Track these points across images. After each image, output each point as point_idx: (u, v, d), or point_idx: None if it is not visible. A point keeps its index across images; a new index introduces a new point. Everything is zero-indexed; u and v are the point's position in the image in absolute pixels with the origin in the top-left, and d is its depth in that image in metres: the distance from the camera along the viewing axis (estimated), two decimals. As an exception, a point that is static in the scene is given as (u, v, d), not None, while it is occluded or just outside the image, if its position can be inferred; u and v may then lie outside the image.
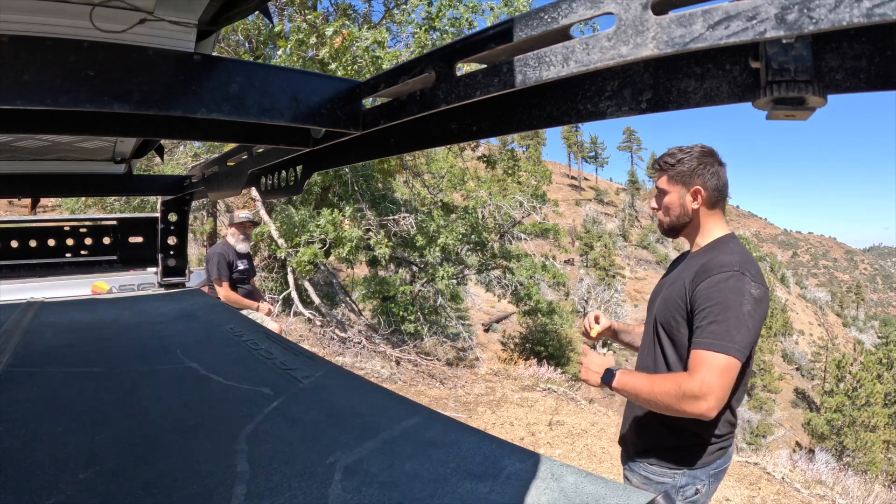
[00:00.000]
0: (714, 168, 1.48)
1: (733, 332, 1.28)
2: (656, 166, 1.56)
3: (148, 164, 8.97)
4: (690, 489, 1.44)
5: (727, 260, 1.36)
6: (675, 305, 1.44)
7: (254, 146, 1.83)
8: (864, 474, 11.20)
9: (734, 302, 1.30)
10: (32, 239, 3.17)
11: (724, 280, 1.33)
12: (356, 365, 6.44)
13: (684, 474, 1.44)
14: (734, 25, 0.53)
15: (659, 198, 1.57)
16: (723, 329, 1.29)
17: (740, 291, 1.31)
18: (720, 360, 1.28)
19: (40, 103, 0.86)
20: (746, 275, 1.33)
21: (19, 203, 13.22)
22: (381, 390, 1.31)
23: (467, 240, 9.16)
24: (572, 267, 38.02)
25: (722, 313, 1.30)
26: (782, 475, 4.60)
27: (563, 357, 17.73)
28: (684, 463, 1.44)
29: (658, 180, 1.57)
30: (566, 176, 70.65)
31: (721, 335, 1.29)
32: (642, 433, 1.52)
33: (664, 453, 1.46)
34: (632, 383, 1.41)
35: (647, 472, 1.49)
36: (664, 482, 1.45)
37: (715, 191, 1.48)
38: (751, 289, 1.31)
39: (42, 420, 1.08)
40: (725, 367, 1.28)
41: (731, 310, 1.30)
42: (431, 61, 0.92)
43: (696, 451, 1.44)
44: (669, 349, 1.46)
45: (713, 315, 1.31)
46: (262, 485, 0.83)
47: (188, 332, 1.91)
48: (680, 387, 1.30)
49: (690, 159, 1.48)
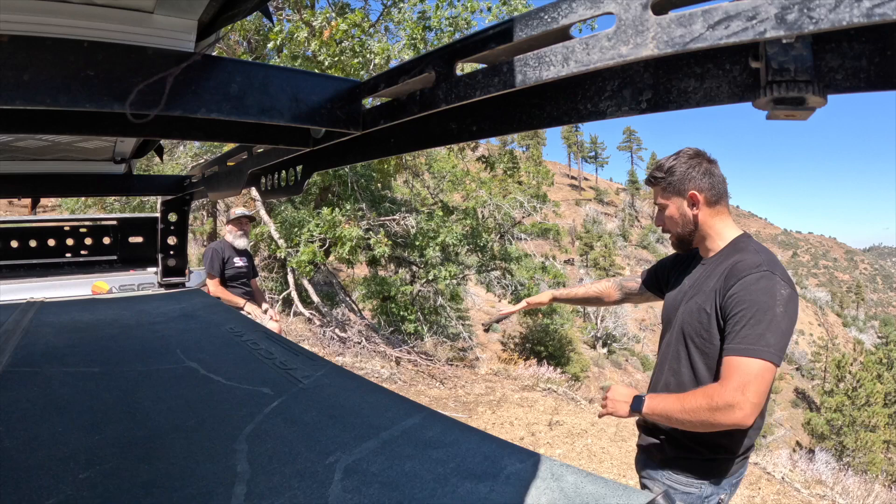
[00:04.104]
0: (703, 167, 1.43)
1: (767, 335, 1.23)
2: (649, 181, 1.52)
3: (148, 164, 8.97)
4: (714, 499, 1.43)
5: (755, 260, 1.31)
6: (704, 315, 1.38)
7: (254, 146, 1.83)
8: (864, 474, 11.20)
9: (766, 304, 1.25)
10: (32, 239, 3.17)
11: (755, 281, 1.28)
12: (356, 365, 6.44)
13: (709, 485, 1.42)
14: (734, 25, 0.53)
15: (660, 214, 1.53)
16: (756, 333, 1.24)
17: (771, 292, 1.26)
18: (755, 366, 1.22)
19: (40, 103, 0.86)
20: (776, 274, 1.28)
21: (19, 203, 13.23)
22: (381, 390, 1.31)
23: (467, 241, 9.15)
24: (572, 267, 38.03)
25: (755, 316, 1.25)
26: (782, 475, 4.60)
27: (563, 357, 17.75)
28: (711, 475, 1.41)
29: (655, 198, 1.53)
30: (566, 176, 70.66)
31: (754, 339, 1.23)
32: (671, 444, 1.47)
33: (692, 465, 1.43)
34: (662, 405, 1.36)
35: (671, 481, 1.46)
36: (690, 492, 1.42)
37: (711, 190, 1.43)
38: (781, 289, 1.26)
39: (42, 420, 1.08)
40: (760, 372, 1.22)
41: (764, 312, 1.24)
42: (431, 61, 0.92)
43: (724, 464, 1.41)
44: (699, 362, 1.40)
45: (745, 319, 1.26)
46: (262, 485, 0.83)
47: (188, 332, 1.91)
48: (713, 399, 1.24)
49: (678, 166, 1.44)
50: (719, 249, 1.45)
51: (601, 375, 22.61)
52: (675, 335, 1.49)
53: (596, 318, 27.50)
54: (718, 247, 1.46)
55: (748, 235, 1.46)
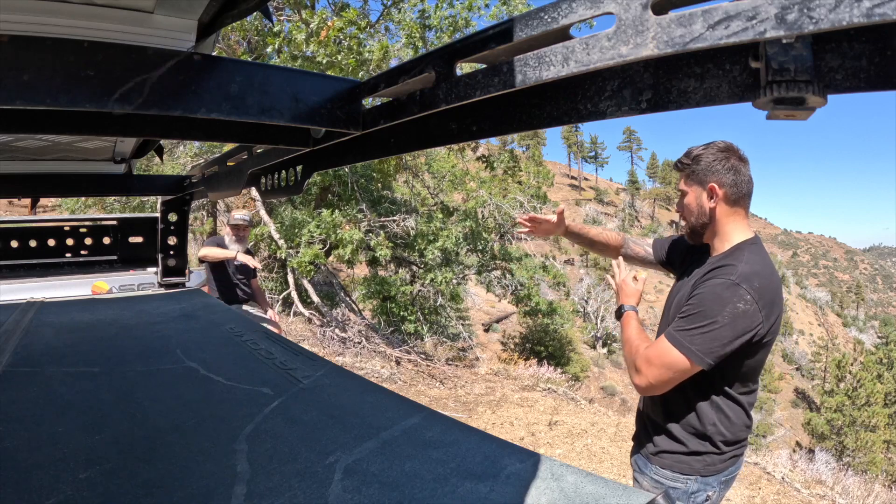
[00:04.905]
0: (731, 163, 1.40)
1: (696, 336, 1.30)
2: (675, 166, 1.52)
3: (148, 164, 8.97)
4: (701, 495, 1.44)
5: (734, 269, 1.33)
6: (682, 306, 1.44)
7: (254, 146, 1.83)
8: (864, 474, 11.20)
9: (713, 311, 1.30)
10: (32, 239, 3.17)
11: (715, 286, 1.32)
12: (356, 365, 6.44)
13: (696, 481, 1.43)
14: (734, 25, 0.53)
15: (680, 200, 1.53)
16: (689, 328, 1.32)
17: (722, 302, 1.29)
18: (671, 354, 1.33)
19: (40, 103, 0.86)
20: (743, 286, 1.29)
21: (19, 203, 13.23)
22: (381, 390, 1.31)
23: (467, 242, 9.15)
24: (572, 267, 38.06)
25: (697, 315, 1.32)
26: (782, 475, 4.60)
27: (563, 357, 17.73)
28: (697, 470, 1.43)
29: (679, 181, 1.53)
30: (566, 176, 70.67)
31: (684, 333, 1.32)
32: (659, 435, 1.50)
33: (678, 459, 1.45)
34: (626, 327, 1.54)
35: (658, 475, 1.48)
36: (676, 487, 1.44)
37: (733, 187, 1.40)
38: (738, 302, 1.28)
39: (42, 420, 1.08)
40: (673, 362, 1.32)
41: (706, 316, 1.30)
42: (431, 61, 0.92)
43: (710, 459, 1.43)
44: None
45: (689, 313, 1.34)
46: (262, 485, 0.83)
47: (188, 332, 1.90)
48: (635, 354, 1.42)
49: (706, 156, 1.42)
50: (723, 251, 1.45)
51: (601, 375, 22.61)
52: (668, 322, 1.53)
53: (596, 318, 27.50)
54: (724, 247, 1.45)
55: (753, 242, 1.43)
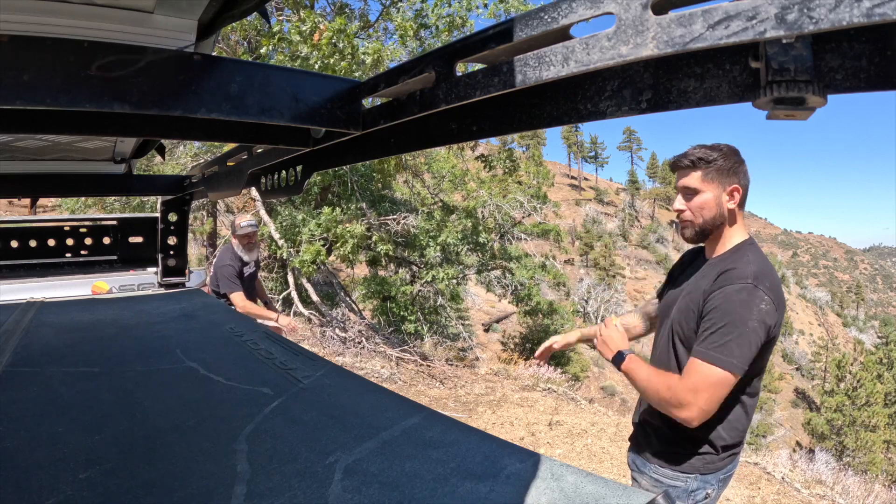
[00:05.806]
0: (745, 167, 1.43)
1: (734, 346, 1.26)
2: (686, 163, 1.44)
3: (148, 164, 8.97)
4: (701, 493, 1.44)
5: (744, 271, 1.33)
6: (691, 314, 1.41)
7: (254, 146, 1.83)
8: (864, 474, 11.19)
9: (741, 316, 1.27)
10: (32, 239, 3.17)
11: (735, 293, 1.30)
12: (356, 365, 6.44)
13: (696, 479, 1.44)
14: (734, 25, 0.53)
15: (689, 197, 1.46)
16: (723, 342, 1.27)
17: (749, 305, 1.28)
18: (715, 374, 1.27)
19: (40, 103, 0.86)
20: (760, 288, 1.29)
21: (19, 203, 13.23)
22: (381, 390, 1.31)
23: (468, 241, 9.15)
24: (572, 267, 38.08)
25: (726, 325, 1.28)
26: (782, 475, 4.60)
27: (563, 357, 17.72)
28: (696, 468, 1.43)
29: (686, 179, 1.45)
30: (566, 176, 70.69)
31: (720, 348, 1.27)
32: (659, 437, 1.50)
33: (677, 458, 1.46)
34: (635, 371, 1.45)
35: (657, 474, 1.48)
36: (676, 486, 1.45)
37: (745, 190, 1.43)
38: (760, 303, 1.28)
39: (42, 420, 1.08)
40: (719, 380, 1.27)
41: (736, 324, 1.27)
42: (431, 61, 0.92)
43: (708, 458, 1.43)
44: (683, 356, 1.44)
45: (717, 326, 1.29)
46: (262, 485, 0.83)
47: (188, 332, 1.90)
48: (670, 389, 1.33)
49: (726, 157, 1.41)
50: (723, 252, 1.46)
51: (601, 375, 22.62)
52: (666, 332, 1.52)
53: (596, 318, 27.50)
54: (724, 248, 1.46)
55: (752, 242, 1.46)
